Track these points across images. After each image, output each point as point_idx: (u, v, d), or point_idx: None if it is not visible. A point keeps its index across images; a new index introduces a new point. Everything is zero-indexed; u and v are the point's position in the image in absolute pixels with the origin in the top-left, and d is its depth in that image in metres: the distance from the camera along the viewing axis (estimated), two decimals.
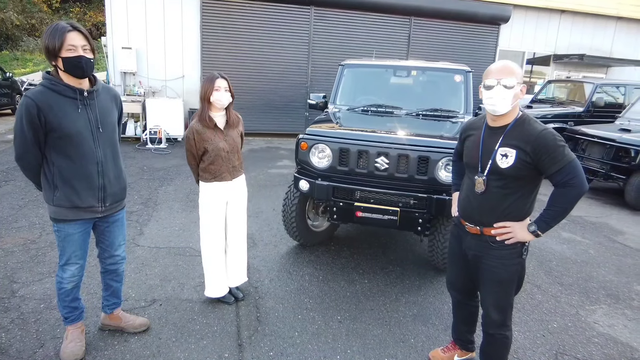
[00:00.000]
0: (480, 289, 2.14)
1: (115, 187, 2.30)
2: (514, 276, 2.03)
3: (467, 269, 2.21)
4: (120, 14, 9.08)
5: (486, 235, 2.01)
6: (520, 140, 1.86)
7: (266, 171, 7.13)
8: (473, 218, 2.05)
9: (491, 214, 1.99)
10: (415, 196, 3.24)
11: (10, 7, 19.86)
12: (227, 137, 2.75)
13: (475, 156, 2.02)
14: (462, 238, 2.17)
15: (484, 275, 2.06)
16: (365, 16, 10.31)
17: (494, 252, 2.01)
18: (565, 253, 4.34)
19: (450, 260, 2.34)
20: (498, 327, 2.09)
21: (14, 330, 2.61)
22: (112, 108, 2.30)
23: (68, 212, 2.16)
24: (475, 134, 2.09)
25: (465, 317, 2.44)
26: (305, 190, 3.48)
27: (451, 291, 2.41)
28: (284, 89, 10.21)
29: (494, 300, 2.06)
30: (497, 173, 1.93)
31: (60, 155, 2.09)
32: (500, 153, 1.91)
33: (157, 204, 5.14)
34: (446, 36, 10.92)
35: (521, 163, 1.86)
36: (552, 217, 1.88)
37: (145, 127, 8.80)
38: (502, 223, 1.96)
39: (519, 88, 1.89)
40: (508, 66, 1.90)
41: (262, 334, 2.72)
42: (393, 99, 4.34)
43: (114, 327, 2.64)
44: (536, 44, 11.78)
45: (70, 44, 1.98)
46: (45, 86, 2.04)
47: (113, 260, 2.51)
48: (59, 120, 2.03)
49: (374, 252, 4.06)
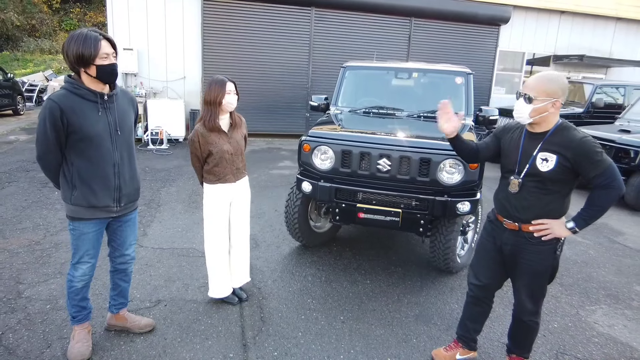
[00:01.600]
0: (515, 280, 2.26)
1: (130, 188, 2.37)
2: (548, 269, 2.17)
3: (496, 265, 2.32)
4: (122, 14, 9.11)
5: (524, 232, 2.14)
6: (561, 147, 2.00)
7: (267, 172, 7.16)
8: (511, 215, 2.17)
9: (528, 211, 2.12)
10: (417, 197, 3.27)
11: (10, 8, 19.88)
12: (231, 140, 2.78)
13: (514, 158, 2.17)
14: (497, 234, 2.28)
15: (521, 269, 2.19)
16: (366, 17, 10.34)
17: (531, 247, 2.14)
18: (566, 253, 4.37)
19: (480, 254, 2.42)
20: (531, 315, 2.25)
21: (21, 330, 2.65)
22: (130, 111, 2.38)
23: (85, 211, 2.24)
24: (513, 138, 2.23)
25: (476, 314, 2.49)
26: (307, 191, 3.52)
27: (472, 285, 2.45)
28: (284, 90, 10.24)
29: (529, 291, 2.21)
30: (536, 175, 2.07)
31: (80, 156, 2.17)
32: (541, 157, 2.05)
33: (159, 205, 5.17)
34: (446, 37, 10.95)
35: (561, 167, 2.00)
36: (591, 215, 2.03)
37: (146, 128, 8.83)
38: (541, 220, 2.09)
39: (543, 104, 2.01)
40: (536, 81, 2.04)
41: (266, 334, 2.75)
42: (394, 100, 4.37)
43: (120, 328, 2.68)
44: (536, 44, 11.82)
45: (105, 52, 2.09)
46: (68, 90, 2.13)
47: (123, 259, 2.56)
48: (80, 123, 2.11)
49: (376, 253, 4.09)
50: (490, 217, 2.38)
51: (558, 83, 2.03)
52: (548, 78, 2.05)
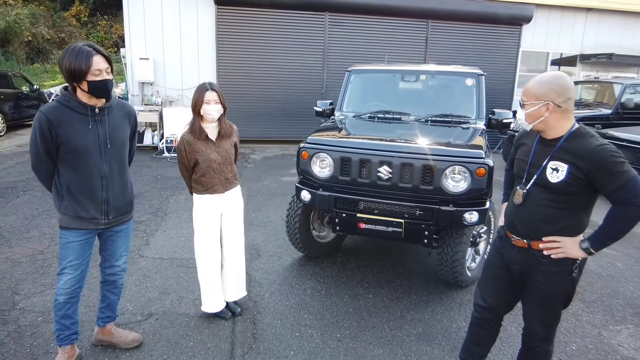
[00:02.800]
0: (525, 302, 2.06)
1: (119, 201, 2.33)
2: (562, 293, 1.94)
3: (504, 284, 2.10)
4: (138, 25, 9.27)
5: (534, 249, 1.92)
6: (574, 155, 1.77)
7: (279, 179, 7.06)
8: (518, 230, 1.97)
9: (536, 226, 1.90)
10: (421, 207, 3.08)
11: (41, 22, 20.72)
12: (219, 149, 2.67)
13: (523, 167, 1.97)
14: (506, 251, 2.06)
15: (530, 290, 1.98)
16: (381, 20, 10.17)
17: (541, 267, 1.91)
18: (589, 266, 4.05)
19: (488, 273, 2.19)
20: (541, 341, 2.03)
21: (9, 344, 2.60)
22: (124, 124, 2.34)
23: (72, 220, 2.22)
24: (527, 144, 2.02)
25: (482, 338, 2.27)
26: (306, 200, 3.38)
27: (478, 307, 2.23)
28: (299, 96, 10.17)
29: (539, 316, 1.99)
30: (545, 187, 1.85)
31: (68, 167, 2.17)
32: (551, 167, 1.83)
33: (166, 213, 5.13)
34: (465, 38, 10.64)
35: (573, 179, 1.77)
36: (608, 236, 1.78)
37: (162, 136, 8.92)
38: (552, 237, 1.86)
39: (534, 108, 1.83)
40: (528, 85, 1.88)
41: (256, 352, 2.62)
42: (402, 104, 4.18)
43: (106, 342, 2.60)
44: (561, 44, 11.33)
45: (97, 68, 2.05)
46: (59, 102, 2.13)
47: (112, 270, 2.49)
48: (68, 135, 2.10)
49: (382, 265, 3.90)
50: (500, 232, 2.16)
51: (550, 84, 1.81)
52: (539, 81, 1.85)
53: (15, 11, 19.33)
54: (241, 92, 9.93)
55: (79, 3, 22.84)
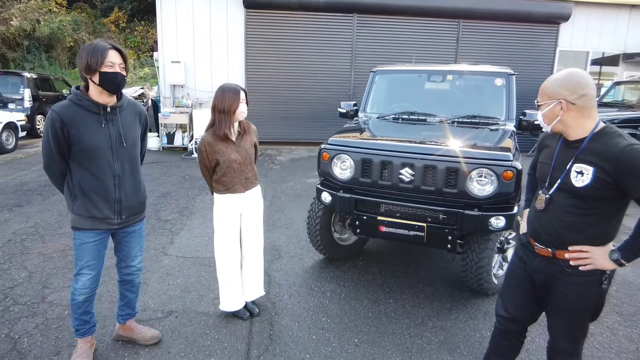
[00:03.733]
0: (549, 314, 1.94)
1: (132, 201, 2.34)
2: (589, 305, 1.82)
3: (527, 294, 1.99)
4: (170, 29, 9.53)
5: (559, 259, 1.80)
6: (599, 157, 1.65)
7: (304, 180, 7.06)
8: (542, 238, 1.85)
9: (564, 235, 1.77)
10: (444, 211, 2.97)
11: (82, 29, 21.71)
12: (239, 149, 2.68)
13: (546, 171, 1.85)
14: (529, 260, 1.94)
15: (555, 302, 1.86)
16: (411, 21, 10.02)
17: (567, 278, 1.79)
18: (629, 277, 3.80)
19: (510, 282, 2.08)
20: (567, 355, 1.91)
21: (36, 335, 2.70)
22: (135, 123, 2.36)
23: (85, 221, 2.23)
24: (550, 146, 1.91)
25: (505, 349, 2.16)
26: (327, 202, 3.34)
27: (500, 318, 2.11)
28: (326, 98, 10.14)
29: (565, 329, 1.87)
30: (570, 191, 1.73)
31: (81, 167, 2.18)
32: (575, 170, 1.71)
33: (192, 213, 5.22)
34: (498, 38, 10.31)
35: (600, 183, 1.64)
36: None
37: (192, 137, 9.12)
38: (580, 247, 1.74)
39: (548, 108, 1.74)
40: (542, 85, 1.80)
41: (272, 353, 2.60)
42: (428, 105, 4.08)
43: (126, 338, 2.65)
44: (602, 42, 10.78)
45: (110, 61, 2.08)
46: (71, 101, 2.15)
47: (129, 270, 2.53)
48: (80, 134, 2.11)
49: (405, 269, 3.81)
50: (523, 239, 2.03)
51: (561, 82, 1.71)
52: (552, 79, 1.76)
53: (59, 18, 20.37)
54: (269, 94, 10.02)
55: (117, 9, 23.77)
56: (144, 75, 21.09)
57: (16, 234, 4.38)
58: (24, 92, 10.65)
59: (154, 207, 5.39)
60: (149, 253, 3.98)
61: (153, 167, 7.75)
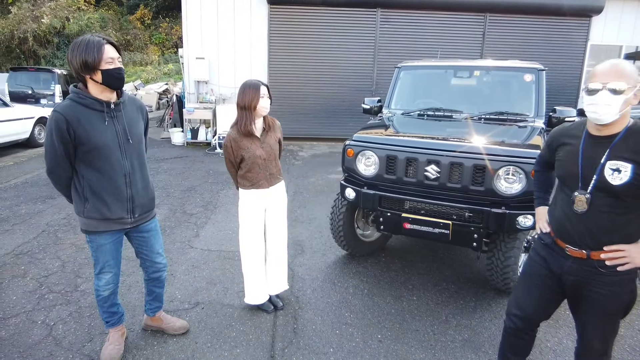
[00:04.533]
0: (581, 316, 1.90)
1: (143, 198, 2.32)
2: (624, 305, 1.80)
3: (549, 294, 1.95)
4: (195, 26, 9.66)
5: (594, 260, 1.75)
6: (637, 153, 1.62)
7: (326, 176, 7.07)
8: (575, 240, 1.79)
9: (599, 236, 1.73)
10: (470, 209, 2.94)
11: (109, 26, 22.26)
12: (263, 145, 2.71)
13: (574, 169, 1.77)
14: (555, 261, 1.89)
15: (589, 304, 1.82)
16: (435, 16, 9.86)
17: (602, 279, 1.76)
18: None
19: (529, 281, 2.03)
20: (599, 356, 1.89)
21: (70, 322, 2.81)
22: (139, 119, 2.32)
23: (98, 223, 2.20)
24: (572, 143, 1.82)
25: (519, 348, 2.14)
26: (351, 198, 3.35)
27: (512, 317, 2.08)
28: (349, 94, 10.11)
29: (600, 331, 1.84)
30: (606, 190, 1.68)
31: (89, 168, 2.12)
32: (611, 167, 1.66)
33: (216, 207, 5.31)
34: (526, 32, 10.04)
35: (639, 180, 1.61)
36: None
37: (215, 133, 9.25)
38: (616, 246, 1.71)
39: (631, 92, 1.61)
40: (618, 67, 1.63)
41: (296, 346, 2.63)
42: (454, 102, 4.03)
43: (155, 328, 2.73)
44: (636, 36, 10.37)
45: (109, 57, 2.02)
46: (73, 100, 2.07)
47: (155, 268, 2.55)
48: (87, 134, 2.05)
49: (428, 267, 3.78)
50: (545, 240, 1.96)
51: (632, 67, 1.63)
52: (623, 62, 1.65)
53: (87, 16, 20.94)
54: (292, 90, 10.06)
55: (143, 7, 24.25)
56: (168, 72, 21.49)
57: (49, 224, 4.55)
58: (54, 88, 11.02)
59: (180, 200, 5.51)
60: (175, 245, 4.08)
61: (177, 161, 7.91)
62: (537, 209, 2.14)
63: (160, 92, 16.94)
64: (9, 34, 19.55)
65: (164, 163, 7.70)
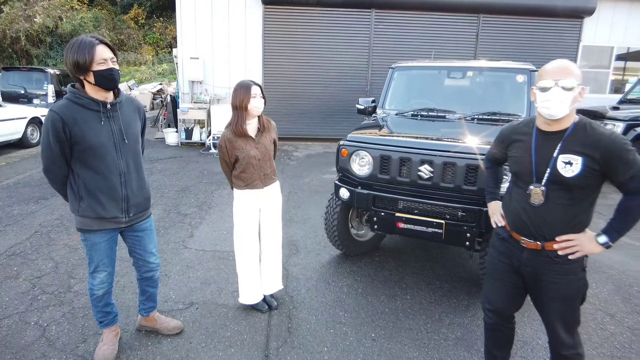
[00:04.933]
0: (543, 309, 1.96)
1: (138, 198, 2.33)
2: (579, 291, 1.90)
3: (514, 288, 2.02)
4: (189, 26, 9.64)
5: (548, 251, 1.84)
6: (587, 146, 1.71)
7: (320, 177, 7.09)
8: (531, 232, 1.86)
9: (553, 227, 1.81)
10: (463, 208, 2.96)
11: (103, 25, 22.13)
12: (258, 145, 2.72)
13: (528, 164, 1.84)
14: (514, 254, 1.96)
15: (548, 294, 1.90)
16: (429, 16, 9.92)
17: (557, 268, 1.85)
18: None
19: (493, 277, 2.10)
20: (570, 347, 1.93)
21: (64, 324, 2.80)
22: (135, 119, 2.32)
23: (93, 222, 2.21)
24: (523, 140, 1.90)
25: (502, 341, 2.20)
26: (345, 198, 3.36)
27: (488, 312, 2.15)
28: (343, 94, 10.14)
29: (562, 320, 1.90)
30: (559, 183, 1.77)
31: (85, 167, 2.13)
32: (563, 160, 1.75)
33: (210, 207, 5.31)
34: (519, 33, 10.13)
35: (589, 171, 1.71)
36: (624, 226, 1.75)
37: (209, 133, 9.23)
38: (566, 236, 1.80)
39: (578, 90, 1.71)
40: (567, 66, 1.73)
41: (290, 346, 2.64)
42: (447, 102, 4.06)
43: (149, 329, 2.72)
44: (627, 37, 10.50)
45: (101, 57, 2.02)
46: (69, 100, 2.08)
47: (148, 267, 2.55)
48: (82, 133, 2.06)
49: (421, 266, 3.81)
50: (502, 234, 2.03)
51: (577, 67, 1.75)
52: (570, 62, 1.75)
53: (80, 15, 20.81)
54: (286, 90, 10.07)
55: (137, 6, 24.13)
56: (162, 72, 21.40)
57: (42, 225, 4.53)
58: (47, 88, 10.94)
59: (174, 201, 5.50)
60: (169, 246, 4.08)
61: (172, 162, 7.89)
62: (490, 204, 2.20)
63: (154, 92, 16.85)
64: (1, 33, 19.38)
65: (158, 163, 7.67)
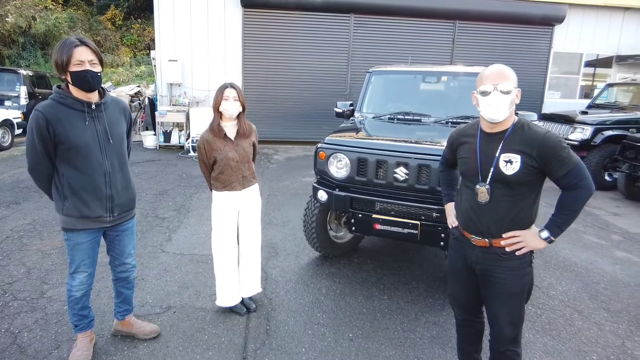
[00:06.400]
0: (490, 304, 2.02)
1: (123, 198, 2.34)
2: (525, 287, 1.96)
3: (473, 285, 2.09)
4: (167, 28, 9.55)
5: (495, 247, 1.91)
6: (524, 145, 1.80)
7: (300, 179, 7.12)
8: (479, 230, 1.94)
9: (499, 223, 1.89)
10: (438, 209, 3.04)
11: (79, 26, 21.63)
12: (237, 147, 2.73)
13: (474, 164, 1.93)
14: (466, 252, 2.03)
15: (495, 289, 1.95)
16: (407, 22, 10.11)
17: (504, 264, 1.91)
18: (617, 275, 3.89)
19: (453, 276, 2.18)
20: (510, 344, 1.99)
21: (36, 330, 2.74)
22: (121, 119, 2.34)
23: (77, 221, 2.21)
24: (470, 142, 1.99)
25: (471, 336, 2.27)
26: (323, 200, 3.40)
27: (455, 308, 2.24)
28: (323, 97, 10.21)
29: (508, 315, 1.95)
30: (502, 181, 1.85)
31: (69, 166, 2.15)
32: (504, 159, 1.83)
33: (189, 210, 5.27)
34: (494, 39, 10.43)
35: (527, 168, 1.80)
36: (564, 221, 1.83)
37: (188, 136, 9.15)
38: (511, 233, 1.88)
39: (515, 93, 1.82)
40: (504, 70, 1.83)
41: (268, 347, 2.65)
42: (423, 106, 4.15)
43: (125, 333, 2.69)
44: (596, 44, 10.94)
45: (78, 59, 2.04)
46: (54, 99, 2.12)
47: (124, 267, 2.55)
48: (66, 133, 2.08)
49: (399, 267, 3.88)
50: (455, 233, 2.11)
51: (513, 72, 1.85)
52: (506, 68, 1.84)
53: (55, 15, 20.29)
54: (266, 93, 10.08)
55: (114, 7, 23.69)
56: (140, 74, 21.03)
57: (14, 230, 4.41)
58: (20, 90, 10.62)
59: (151, 204, 5.44)
60: (146, 250, 4.03)
61: (150, 165, 7.78)
62: (446, 206, 2.28)
63: (131, 94, 16.57)
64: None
65: (135, 167, 7.56)
